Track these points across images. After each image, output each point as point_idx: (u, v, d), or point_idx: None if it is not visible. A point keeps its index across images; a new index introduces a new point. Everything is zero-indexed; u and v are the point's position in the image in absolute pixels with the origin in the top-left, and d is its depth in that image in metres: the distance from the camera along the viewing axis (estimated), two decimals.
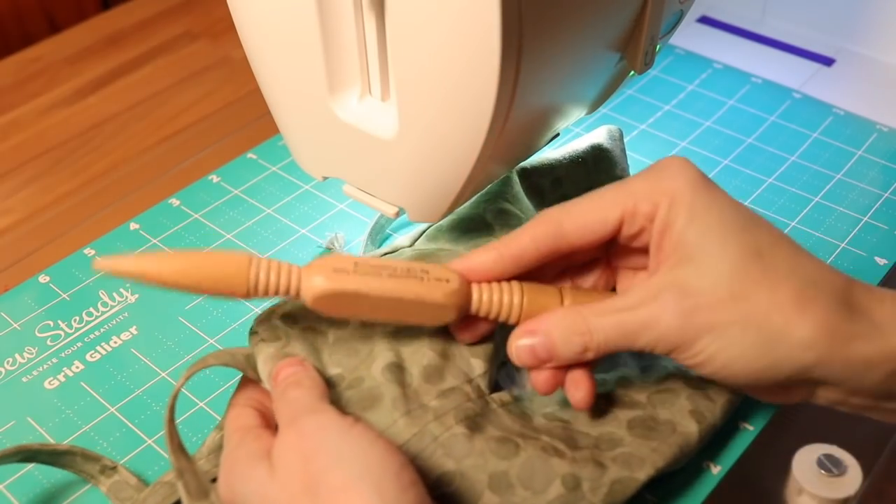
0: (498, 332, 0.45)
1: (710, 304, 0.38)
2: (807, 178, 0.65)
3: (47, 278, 0.60)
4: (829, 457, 0.44)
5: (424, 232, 0.51)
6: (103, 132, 0.73)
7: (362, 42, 0.45)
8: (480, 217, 0.49)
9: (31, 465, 0.49)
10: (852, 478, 0.44)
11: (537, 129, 0.47)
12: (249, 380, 0.44)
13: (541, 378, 0.42)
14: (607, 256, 0.45)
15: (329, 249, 0.60)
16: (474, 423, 0.41)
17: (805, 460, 0.45)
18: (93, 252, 0.62)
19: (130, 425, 0.51)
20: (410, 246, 0.50)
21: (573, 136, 0.70)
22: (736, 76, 0.75)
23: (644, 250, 0.42)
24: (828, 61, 0.76)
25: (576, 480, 0.40)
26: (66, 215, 0.66)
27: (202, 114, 0.75)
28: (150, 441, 0.50)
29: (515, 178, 0.51)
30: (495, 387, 0.45)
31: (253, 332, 0.44)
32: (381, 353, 0.43)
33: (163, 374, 0.54)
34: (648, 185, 0.40)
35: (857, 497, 0.44)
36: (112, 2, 0.92)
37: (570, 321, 0.40)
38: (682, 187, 0.40)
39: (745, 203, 0.63)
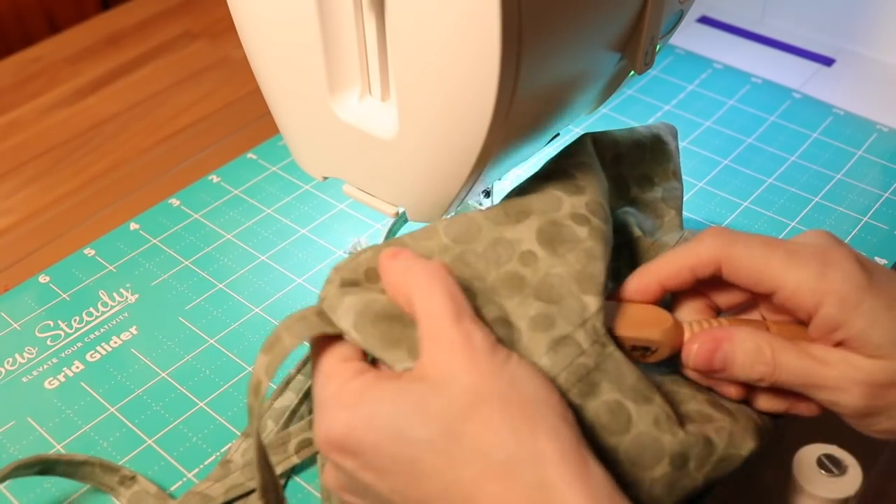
0: (608, 258, 0.43)
1: (894, 387, 0.39)
2: (807, 178, 0.65)
3: (47, 278, 0.60)
4: (829, 457, 0.44)
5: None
6: (103, 132, 0.73)
7: (362, 42, 0.45)
8: (562, 169, 0.46)
9: None
10: (852, 478, 0.44)
11: (537, 129, 0.47)
12: (326, 341, 0.39)
13: (699, 363, 0.42)
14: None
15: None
16: (587, 385, 0.39)
17: (805, 460, 0.44)
18: (93, 252, 0.62)
19: (130, 425, 0.51)
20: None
21: (573, 136, 0.70)
22: (736, 76, 0.75)
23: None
24: (828, 61, 0.76)
25: (683, 459, 0.39)
26: (66, 215, 0.66)
27: (202, 114, 0.75)
28: (150, 441, 0.50)
29: (588, 140, 0.49)
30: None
31: (329, 282, 0.41)
32: (485, 306, 0.40)
33: (163, 374, 0.54)
34: (814, 276, 0.40)
35: (857, 497, 0.44)
36: (112, 2, 0.92)
37: (757, 347, 0.40)
38: (849, 290, 0.39)
39: (745, 203, 0.63)
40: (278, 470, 0.48)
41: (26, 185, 0.69)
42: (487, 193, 0.58)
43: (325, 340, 0.39)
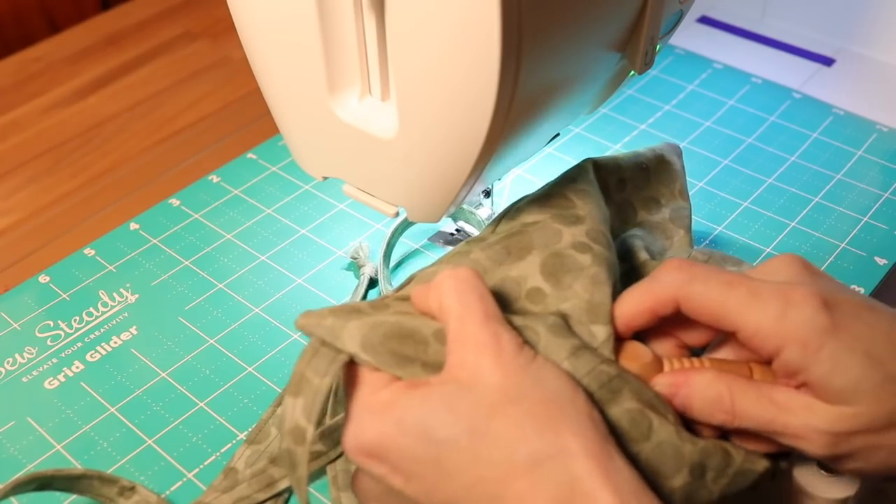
0: (616, 281, 0.43)
1: (862, 435, 0.38)
2: (807, 178, 0.65)
3: (47, 278, 0.60)
4: None
5: (501, 219, 0.47)
6: (103, 132, 0.73)
7: (362, 42, 0.45)
8: (561, 194, 0.46)
9: (30, 466, 0.49)
10: (852, 478, 0.44)
11: (537, 129, 0.47)
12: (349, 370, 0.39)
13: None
14: None
15: (354, 259, 0.59)
16: (609, 391, 0.39)
17: (805, 460, 0.44)
18: (93, 252, 0.62)
19: (130, 425, 0.51)
20: (493, 233, 0.47)
21: (573, 136, 0.70)
22: (736, 76, 0.75)
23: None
24: (828, 61, 0.76)
25: (702, 469, 0.39)
26: (66, 215, 0.66)
27: (202, 114, 0.75)
28: (150, 441, 0.50)
29: (591, 167, 0.49)
30: None
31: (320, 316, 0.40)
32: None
33: (163, 374, 0.54)
34: (774, 319, 0.38)
35: (857, 497, 0.44)
36: (112, 2, 0.92)
37: (717, 394, 0.39)
38: (810, 334, 0.38)
39: (745, 203, 0.63)
40: (283, 484, 0.47)
41: (26, 185, 0.69)
42: (487, 193, 0.58)
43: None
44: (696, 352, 0.43)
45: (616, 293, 0.42)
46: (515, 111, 0.41)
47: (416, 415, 0.36)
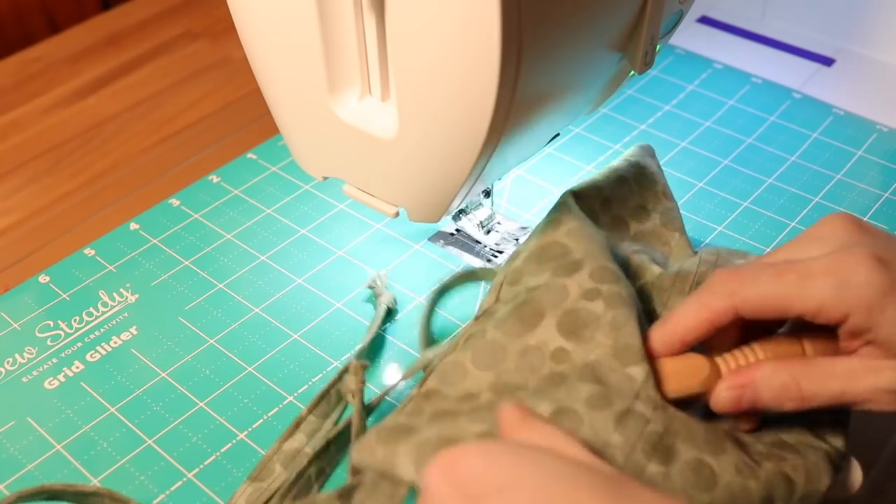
0: (641, 315, 0.43)
1: None
2: (807, 178, 0.65)
3: (47, 278, 0.60)
4: None
5: (501, 285, 0.46)
6: (103, 132, 0.73)
7: (362, 42, 0.45)
8: (554, 241, 0.46)
9: (30, 466, 0.49)
10: (852, 478, 0.44)
11: (537, 129, 0.47)
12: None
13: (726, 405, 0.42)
14: None
15: (371, 288, 0.57)
16: (665, 450, 0.39)
17: None
18: (93, 252, 0.62)
19: (130, 425, 0.51)
20: (497, 300, 0.46)
21: (573, 136, 0.70)
22: (736, 76, 0.75)
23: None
24: (828, 61, 0.76)
25: (770, 501, 0.40)
26: (66, 215, 0.66)
27: (202, 114, 0.75)
28: (150, 441, 0.50)
29: (572, 200, 0.48)
30: None
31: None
32: (538, 405, 0.40)
33: (163, 374, 0.54)
34: (833, 290, 0.39)
35: (857, 497, 0.44)
36: (112, 2, 0.92)
37: (782, 384, 0.40)
38: (873, 296, 0.39)
39: (745, 203, 0.63)
40: None
41: (26, 185, 0.69)
42: (487, 193, 0.58)
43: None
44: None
45: (641, 321, 0.43)
46: (515, 111, 0.41)
47: (550, 463, 0.34)
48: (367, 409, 0.47)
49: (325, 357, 0.54)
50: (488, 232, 0.60)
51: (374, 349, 0.54)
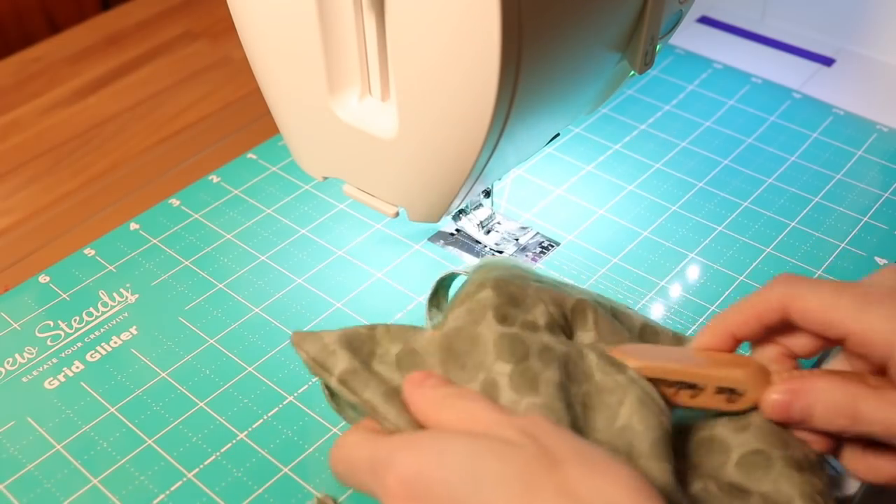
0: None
1: None
2: (807, 178, 0.65)
3: (47, 278, 0.60)
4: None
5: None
6: (103, 132, 0.73)
7: (362, 42, 0.45)
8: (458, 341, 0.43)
9: (30, 466, 0.50)
10: (852, 478, 0.44)
11: (537, 129, 0.47)
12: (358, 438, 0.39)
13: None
14: None
15: None
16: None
17: None
18: (93, 252, 0.62)
19: (130, 425, 0.51)
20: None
21: (573, 136, 0.70)
22: (736, 76, 0.75)
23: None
24: (828, 61, 0.76)
25: None
26: (66, 215, 0.66)
27: (202, 114, 0.75)
28: (150, 441, 0.50)
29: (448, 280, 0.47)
30: None
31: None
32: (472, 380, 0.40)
33: (163, 374, 0.54)
34: (885, 323, 0.38)
35: (857, 497, 0.44)
36: (112, 2, 0.92)
37: (838, 399, 0.39)
38: None
39: (745, 203, 0.63)
40: None
41: (26, 185, 0.69)
42: (487, 193, 0.58)
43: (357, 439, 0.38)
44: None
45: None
46: (515, 111, 0.41)
47: (462, 451, 0.34)
48: None
49: None
50: (488, 232, 0.60)
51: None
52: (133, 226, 0.64)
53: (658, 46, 0.49)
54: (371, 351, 0.41)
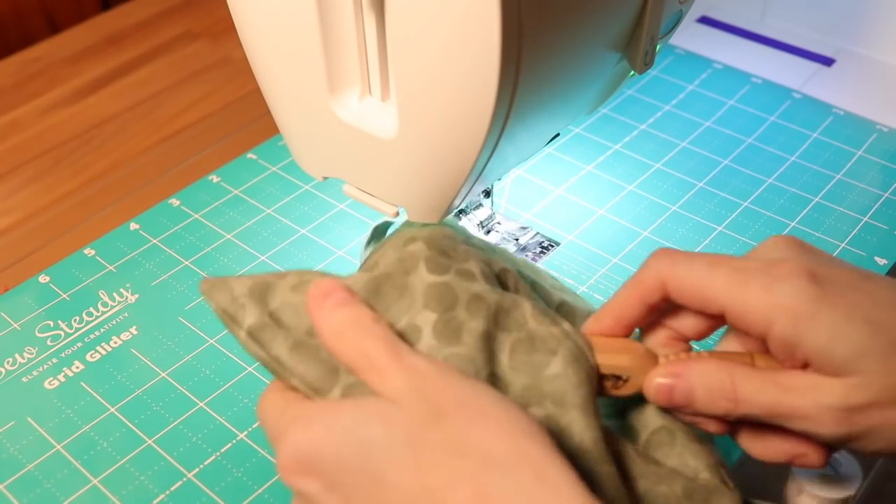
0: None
1: (876, 408, 0.36)
2: (807, 178, 0.65)
3: (47, 278, 0.60)
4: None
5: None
6: (103, 132, 0.73)
7: (362, 42, 0.45)
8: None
9: (30, 466, 0.50)
10: (852, 478, 0.44)
11: (537, 129, 0.47)
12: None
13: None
14: None
15: None
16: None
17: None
18: (93, 252, 0.62)
19: (130, 425, 0.51)
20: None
21: (573, 136, 0.70)
22: (736, 76, 0.75)
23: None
24: (828, 61, 0.76)
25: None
26: (66, 215, 0.66)
27: (202, 114, 0.75)
28: (150, 441, 0.50)
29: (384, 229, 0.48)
30: None
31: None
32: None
33: (163, 374, 0.54)
34: (760, 293, 0.37)
35: (857, 497, 0.44)
36: (112, 2, 0.92)
37: (717, 381, 0.38)
38: (799, 304, 0.36)
39: (745, 203, 0.63)
40: None
41: (26, 185, 0.69)
42: (487, 193, 0.58)
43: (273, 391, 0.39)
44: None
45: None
46: (515, 111, 0.41)
47: (348, 423, 0.34)
48: None
49: None
50: (488, 232, 0.60)
51: None
52: (133, 226, 0.64)
53: (658, 46, 0.49)
54: (283, 300, 0.41)
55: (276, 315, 0.40)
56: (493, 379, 0.39)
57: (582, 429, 0.38)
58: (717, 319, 0.40)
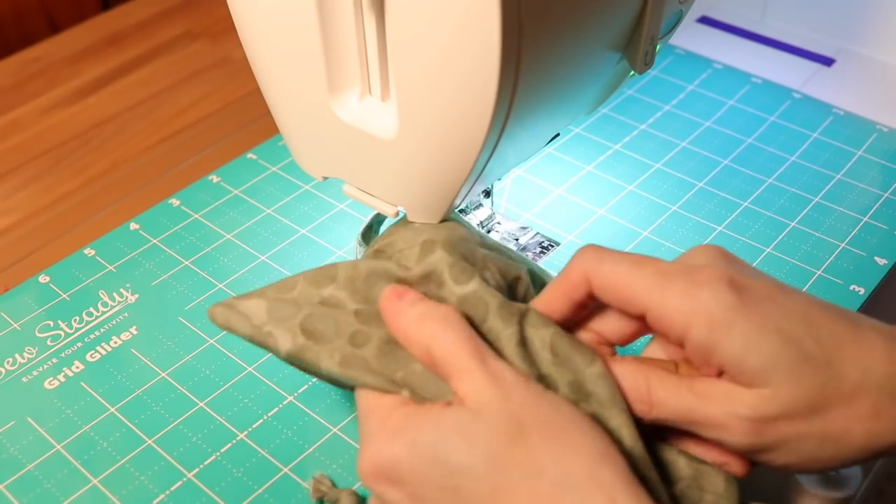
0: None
1: (786, 420, 0.36)
2: (807, 178, 0.65)
3: (47, 278, 0.60)
4: None
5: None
6: (103, 132, 0.73)
7: (362, 42, 0.45)
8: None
9: (30, 466, 0.50)
10: (852, 478, 0.44)
11: (537, 129, 0.47)
12: None
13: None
14: None
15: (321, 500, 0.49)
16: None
17: None
18: (93, 252, 0.62)
19: (130, 425, 0.51)
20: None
21: (573, 136, 0.70)
22: (736, 76, 0.75)
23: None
24: (828, 61, 0.76)
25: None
26: (66, 215, 0.66)
27: (202, 114, 0.75)
28: (150, 441, 0.50)
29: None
30: None
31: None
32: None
33: (163, 374, 0.54)
34: (679, 297, 0.37)
35: (857, 497, 0.44)
36: (112, 2, 0.92)
37: (632, 383, 0.39)
38: (717, 310, 0.36)
39: (745, 203, 0.63)
40: None
41: (26, 185, 0.69)
42: (487, 193, 0.58)
43: None
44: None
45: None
46: (515, 111, 0.41)
47: (431, 439, 0.36)
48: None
49: None
50: (488, 232, 0.60)
51: None
52: (133, 226, 0.64)
53: (658, 46, 0.49)
54: (304, 298, 0.41)
55: (308, 328, 0.40)
56: (542, 380, 0.39)
57: (630, 433, 0.38)
58: (640, 324, 0.40)
